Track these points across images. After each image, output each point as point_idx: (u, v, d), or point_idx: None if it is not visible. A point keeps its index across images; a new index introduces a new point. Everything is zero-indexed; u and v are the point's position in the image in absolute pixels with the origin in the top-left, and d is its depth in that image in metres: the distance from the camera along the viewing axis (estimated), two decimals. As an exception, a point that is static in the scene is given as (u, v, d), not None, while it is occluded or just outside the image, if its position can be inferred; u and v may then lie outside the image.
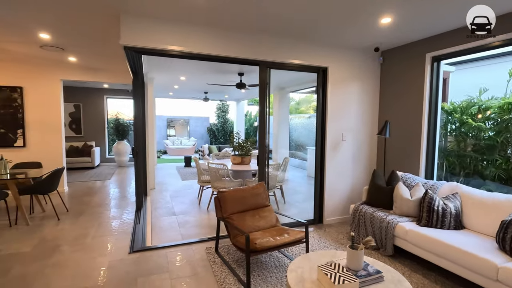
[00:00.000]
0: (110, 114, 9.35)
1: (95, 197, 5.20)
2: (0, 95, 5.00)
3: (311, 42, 3.63)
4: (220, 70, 5.29)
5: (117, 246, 3.15)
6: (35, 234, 3.45)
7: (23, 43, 3.86)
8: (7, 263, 2.75)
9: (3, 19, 2.97)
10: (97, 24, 3.15)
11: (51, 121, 5.33)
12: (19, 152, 5.13)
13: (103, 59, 4.82)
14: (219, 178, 4.55)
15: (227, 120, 14.13)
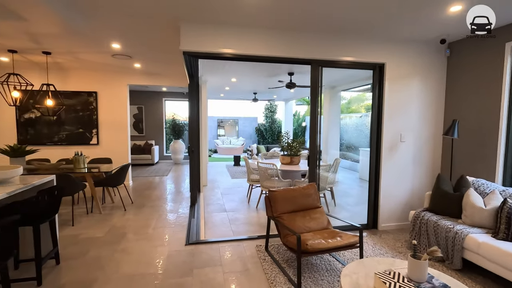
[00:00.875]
0: (167, 115, 10.09)
1: (154, 191, 5.67)
2: (79, 99, 5.76)
3: (367, 37, 3.45)
4: (271, 70, 5.34)
5: (175, 238, 3.39)
6: (107, 222, 3.90)
7: (98, 53, 4.39)
8: (85, 245, 3.15)
9: (83, 33, 3.41)
10: (160, 34, 3.43)
11: (119, 121, 5.95)
12: (94, 149, 5.85)
13: (163, 65, 5.23)
14: (268, 177, 4.59)
15: (275, 120, 14.19)
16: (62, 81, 5.59)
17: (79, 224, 3.79)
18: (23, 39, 3.64)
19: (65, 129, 5.73)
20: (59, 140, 5.71)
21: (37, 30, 3.21)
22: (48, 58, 4.60)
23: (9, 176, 2.46)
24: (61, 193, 2.61)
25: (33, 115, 5.57)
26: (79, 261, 2.79)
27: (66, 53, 4.41)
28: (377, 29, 3.17)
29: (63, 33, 3.37)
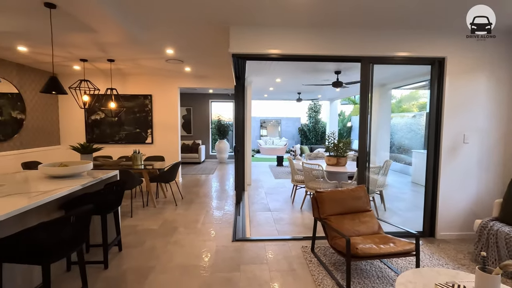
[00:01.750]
0: (213, 116, 10.50)
1: (202, 189, 5.94)
2: (137, 102, 6.28)
3: (424, 30, 3.20)
4: (316, 69, 5.24)
5: (222, 234, 3.52)
6: (160, 215, 4.19)
7: (154, 59, 4.75)
8: (142, 236, 3.43)
9: (142, 41, 3.71)
10: (210, 38, 3.59)
11: (171, 122, 6.36)
12: (148, 148, 6.33)
13: (211, 68, 5.46)
14: (313, 178, 4.51)
15: (318, 120, 13.88)
16: (122, 86, 6.15)
17: (137, 216, 4.14)
18: (93, 49, 4.10)
19: (125, 129, 6.30)
20: (119, 139, 6.30)
21: (105, 40, 3.59)
22: (112, 65, 5.11)
23: (82, 170, 2.79)
24: (123, 187, 2.89)
25: (99, 117, 6.23)
26: (137, 250, 3.05)
27: (127, 60, 4.85)
28: (437, 19, 2.93)
29: (125, 42, 3.71)
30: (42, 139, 5.57)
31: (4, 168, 4.59)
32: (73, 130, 6.18)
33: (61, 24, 2.98)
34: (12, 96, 4.83)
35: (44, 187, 2.31)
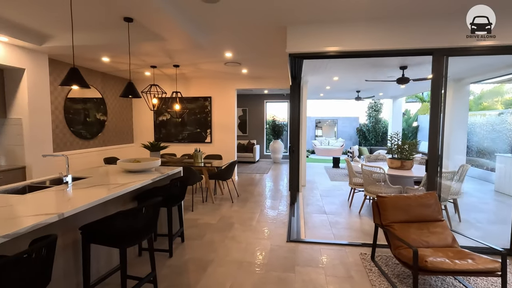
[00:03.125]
0: (268, 116, 10.62)
1: (256, 188, 6.05)
2: (198, 104, 6.70)
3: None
4: (378, 65, 4.90)
5: (276, 233, 3.53)
6: (218, 211, 4.40)
7: (214, 62, 5.01)
8: (202, 229, 3.65)
9: (203, 46, 3.94)
10: (266, 39, 3.64)
11: (228, 123, 6.63)
12: (207, 147, 6.70)
13: (266, 69, 5.53)
14: (373, 182, 4.23)
15: (379, 120, 12.97)
16: (185, 89, 6.64)
17: (197, 210, 4.42)
18: (161, 56, 4.51)
19: (187, 129, 6.79)
20: (182, 138, 6.81)
21: (172, 47, 3.91)
22: (177, 70, 5.55)
23: (152, 166, 3.09)
24: (187, 182, 3.11)
25: (165, 118, 6.83)
26: (198, 242, 3.26)
27: (190, 65, 5.21)
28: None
29: (189, 48, 3.99)
30: (119, 138, 6.34)
31: (90, 162, 5.35)
32: (144, 130, 6.89)
33: (136, 35, 3.35)
34: (97, 100, 5.60)
35: (121, 180, 2.62)
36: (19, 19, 3.07)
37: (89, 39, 3.53)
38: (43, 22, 3.15)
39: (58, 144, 4.69)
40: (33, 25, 3.26)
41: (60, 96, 4.72)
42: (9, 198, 2.01)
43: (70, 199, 2.02)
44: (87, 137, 5.36)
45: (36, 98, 3.89)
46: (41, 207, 1.81)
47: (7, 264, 1.20)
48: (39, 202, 1.92)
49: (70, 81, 2.21)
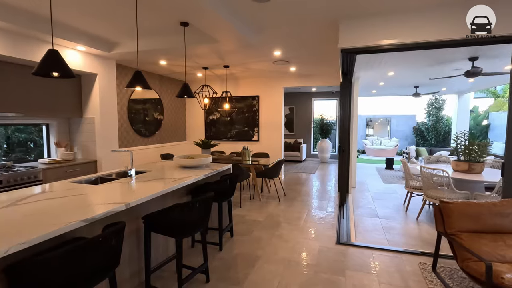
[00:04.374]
0: (315, 114, 10.37)
1: (303, 187, 5.97)
2: (246, 103, 6.84)
3: None
4: (442, 57, 4.44)
5: (324, 234, 3.44)
6: (264, 209, 4.45)
7: (262, 61, 5.06)
8: (250, 226, 3.72)
9: (253, 46, 4.00)
10: (316, 36, 3.56)
11: (275, 121, 6.65)
12: (254, 145, 6.81)
13: (315, 66, 5.40)
14: (434, 186, 3.86)
15: (441, 118, 11.77)
16: (234, 88, 6.82)
17: (245, 207, 4.52)
18: (213, 58, 4.70)
19: (235, 127, 6.98)
20: (230, 136, 7.03)
21: (223, 48, 4.05)
22: (227, 70, 5.73)
23: (205, 162, 3.25)
24: (236, 179, 3.20)
25: (215, 117, 7.11)
26: (246, 238, 3.33)
27: (239, 65, 5.34)
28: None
29: (239, 48, 4.09)
30: (174, 136, 6.79)
31: (149, 158, 5.82)
32: (195, 128, 7.27)
33: (191, 38, 3.54)
34: (155, 101, 6.07)
35: (177, 175, 2.80)
36: (94, 30, 3.47)
37: (150, 45, 3.84)
38: (112, 31, 3.52)
39: (122, 141, 5.20)
40: (104, 35, 3.66)
41: (125, 97, 5.22)
42: (85, 187, 2.28)
43: (135, 190, 2.22)
44: (146, 134, 5.85)
45: (106, 99, 4.37)
46: (111, 196, 2.03)
47: (87, 245, 1.37)
48: (109, 192, 2.15)
49: (135, 83, 2.43)
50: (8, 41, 3.05)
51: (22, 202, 1.85)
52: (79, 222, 1.51)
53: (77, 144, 4.40)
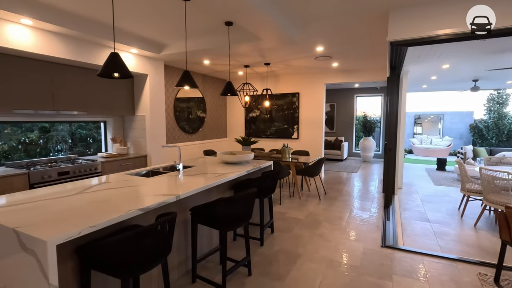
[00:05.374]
0: (358, 111, 9.94)
1: (344, 187, 5.78)
2: (286, 100, 6.80)
3: None
4: (506, 46, 3.97)
5: (368, 236, 3.30)
6: (305, 207, 4.40)
7: (304, 58, 4.98)
8: (290, 223, 3.72)
9: (295, 42, 3.95)
10: (361, 29, 3.40)
11: (316, 119, 6.52)
12: (294, 142, 6.75)
13: (359, 61, 5.17)
14: (496, 190, 3.48)
15: (504, 115, 10.52)
16: (274, 86, 6.82)
17: (284, 204, 4.52)
18: (255, 56, 4.75)
19: (275, 125, 6.99)
20: (270, 134, 7.05)
21: (265, 46, 4.07)
22: (267, 68, 5.75)
23: (247, 159, 3.31)
24: (278, 176, 3.21)
25: (254, 114, 7.19)
26: (286, 235, 3.33)
27: (280, 62, 5.32)
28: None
29: (280, 45, 4.07)
30: (215, 133, 7.01)
31: (192, 154, 6.09)
32: (235, 125, 7.43)
33: (235, 38, 3.61)
34: (198, 99, 6.32)
35: (220, 170, 2.90)
36: (146, 34, 3.73)
37: (195, 45, 4.00)
38: (162, 34, 3.74)
39: (169, 137, 5.51)
40: (155, 38, 3.91)
41: (171, 96, 5.52)
42: (139, 179, 2.47)
43: (183, 183, 2.35)
44: (189, 131, 6.12)
45: (155, 98, 4.66)
46: (162, 188, 2.17)
47: (146, 231, 1.49)
48: (160, 184, 2.30)
49: (183, 82, 2.56)
50: (73, 47, 3.40)
51: (87, 191, 2.06)
52: (136, 210, 1.64)
53: (130, 140, 4.76)
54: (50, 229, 1.33)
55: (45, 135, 3.99)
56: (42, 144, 3.96)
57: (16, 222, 1.40)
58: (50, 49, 3.16)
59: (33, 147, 3.86)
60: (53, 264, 1.24)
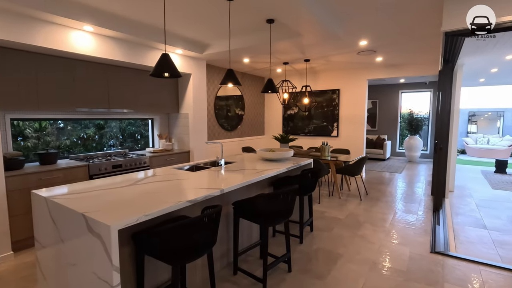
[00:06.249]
0: (403, 108, 9.35)
1: (387, 187, 5.49)
2: (325, 97, 6.64)
3: None
4: None
5: (415, 240, 3.11)
6: (345, 207, 4.27)
7: (345, 53, 4.82)
8: (330, 222, 3.64)
9: (337, 37, 3.82)
10: (411, 19, 3.19)
11: (357, 116, 6.27)
12: (333, 140, 6.57)
13: (406, 54, 4.86)
14: None
15: None
16: (313, 82, 6.70)
17: (323, 203, 4.44)
18: (294, 52, 4.70)
19: (313, 122, 6.87)
20: (308, 131, 6.95)
21: (306, 42, 4.01)
22: (307, 64, 5.66)
23: (287, 156, 3.31)
24: (318, 174, 3.16)
25: (293, 112, 7.13)
26: (326, 234, 3.27)
27: (320, 58, 5.21)
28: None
29: (321, 41, 3.98)
30: (253, 130, 7.10)
31: (231, 150, 6.24)
32: (273, 123, 7.45)
33: (275, 35, 3.62)
34: (236, 97, 6.44)
35: (260, 167, 2.93)
36: (190, 35, 3.89)
37: (237, 44, 4.08)
38: (205, 34, 3.87)
39: (209, 134, 5.71)
40: (198, 38, 4.07)
41: (212, 94, 5.70)
42: (184, 173, 2.60)
43: (225, 178, 2.42)
44: (228, 129, 6.27)
45: (197, 96, 4.86)
46: (206, 182, 2.26)
47: (195, 222, 1.57)
48: (204, 178, 2.40)
49: (228, 79, 2.63)
50: (126, 49, 3.67)
51: (139, 182, 2.23)
52: (185, 202, 1.74)
53: (174, 136, 5.03)
54: (112, 215, 1.47)
55: (100, 132, 4.37)
56: (97, 140, 4.35)
57: (84, 208, 1.57)
58: (107, 53, 3.45)
59: (90, 142, 4.25)
60: (116, 247, 1.37)
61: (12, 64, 2.90)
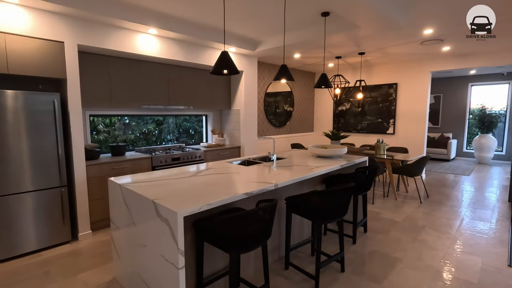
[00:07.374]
0: (472, 103, 8.33)
1: (452, 191, 4.97)
2: (380, 92, 6.24)
3: None
4: None
5: (488, 251, 2.77)
6: (401, 209, 3.99)
7: (405, 44, 4.45)
8: (385, 224, 3.44)
9: (396, 27, 3.53)
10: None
11: (417, 112, 5.77)
12: (389, 138, 6.15)
13: (478, 42, 4.29)
14: None
15: None
16: (368, 77, 6.34)
17: (378, 204, 4.20)
18: (349, 45, 4.50)
19: (367, 119, 6.51)
20: (361, 128, 6.61)
21: (362, 34, 3.80)
22: (361, 58, 5.38)
23: (341, 153, 3.20)
24: (375, 172, 3.00)
25: (344, 108, 6.85)
26: (381, 236, 3.10)
27: (375, 51, 4.90)
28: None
29: (379, 32, 3.73)
30: (302, 127, 7.00)
31: (280, 147, 6.25)
32: (323, 119, 7.25)
33: (330, 28, 3.51)
34: (285, 94, 6.41)
35: (312, 163, 2.89)
36: (243, 32, 3.98)
37: (290, 39, 4.06)
38: (258, 31, 3.93)
39: (259, 130, 5.79)
40: (251, 35, 4.14)
41: (262, 91, 5.77)
42: (238, 167, 2.69)
43: (277, 174, 2.44)
44: (276, 125, 6.28)
45: (249, 93, 4.96)
46: (260, 176, 2.31)
47: (252, 214, 1.62)
48: (258, 173, 2.45)
49: (281, 75, 2.64)
50: (186, 49, 3.91)
51: (198, 174, 2.37)
52: (242, 194, 1.80)
53: (226, 132, 5.22)
54: (177, 203, 1.59)
55: (159, 127, 4.74)
56: (157, 134, 4.72)
57: (153, 195, 1.73)
58: (169, 53, 3.72)
59: (151, 137, 4.64)
60: (181, 232, 1.48)
61: (92, 67, 3.30)
